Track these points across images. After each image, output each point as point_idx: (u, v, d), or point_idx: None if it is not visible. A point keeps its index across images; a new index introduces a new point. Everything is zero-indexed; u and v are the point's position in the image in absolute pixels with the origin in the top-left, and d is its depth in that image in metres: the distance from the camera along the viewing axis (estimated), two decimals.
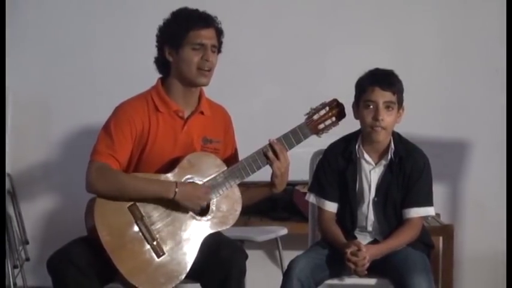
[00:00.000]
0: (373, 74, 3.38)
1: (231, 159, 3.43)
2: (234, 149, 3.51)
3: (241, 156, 3.43)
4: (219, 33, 3.39)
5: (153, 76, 3.43)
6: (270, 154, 3.32)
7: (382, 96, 3.33)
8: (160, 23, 3.39)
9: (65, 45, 4.92)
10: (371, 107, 3.34)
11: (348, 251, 3.24)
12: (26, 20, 4.85)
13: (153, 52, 3.42)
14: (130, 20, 4.88)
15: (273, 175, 3.35)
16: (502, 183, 4.76)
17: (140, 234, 3.18)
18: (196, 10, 3.36)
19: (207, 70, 3.32)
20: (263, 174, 3.37)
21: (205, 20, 3.33)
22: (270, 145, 3.32)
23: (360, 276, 3.28)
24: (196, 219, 3.26)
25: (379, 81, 3.34)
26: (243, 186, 3.38)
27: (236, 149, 3.52)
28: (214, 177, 3.29)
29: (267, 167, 3.34)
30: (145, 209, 3.20)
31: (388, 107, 3.34)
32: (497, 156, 4.81)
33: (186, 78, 3.33)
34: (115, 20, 4.90)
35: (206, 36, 3.32)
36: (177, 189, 3.19)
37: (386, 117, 3.33)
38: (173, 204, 3.22)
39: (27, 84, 4.84)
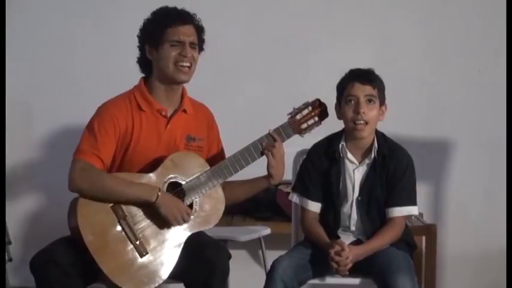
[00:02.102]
0: (352, 72, 3.40)
1: (217, 158, 3.43)
2: (219, 147, 3.51)
3: (226, 155, 3.44)
4: (199, 30, 3.39)
5: (135, 76, 3.42)
6: (265, 144, 3.33)
7: (363, 90, 3.34)
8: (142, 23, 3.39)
9: (47, 45, 4.89)
10: (352, 102, 3.35)
11: (332, 251, 3.25)
12: (9, 20, 4.82)
13: (135, 52, 3.42)
14: (112, 21, 4.86)
15: (269, 165, 3.34)
16: (484, 183, 4.81)
17: (123, 233, 3.17)
18: (175, 8, 3.36)
19: (185, 66, 3.31)
20: (248, 173, 3.38)
21: (182, 17, 3.33)
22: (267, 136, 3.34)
23: (342, 276, 3.29)
24: None
25: (358, 77, 3.36)
26: (239, 181, 3.39)
27: (222, 148, 3.52)
28: (197, 176, 3.28)
29: (251, 167, 3.34)
30: (129, 208, 3.19)
31: (369, 100, 3.34)
32: (479, 156, 4.83)
33: (165, 75, 3.33)
34: (97, 21, 4.88)
35: (184, 33, 3.31)
36: (159, 193, 3.18)
37: (368, 111, 3.33)
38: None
39: (10, 85, 4.81)
